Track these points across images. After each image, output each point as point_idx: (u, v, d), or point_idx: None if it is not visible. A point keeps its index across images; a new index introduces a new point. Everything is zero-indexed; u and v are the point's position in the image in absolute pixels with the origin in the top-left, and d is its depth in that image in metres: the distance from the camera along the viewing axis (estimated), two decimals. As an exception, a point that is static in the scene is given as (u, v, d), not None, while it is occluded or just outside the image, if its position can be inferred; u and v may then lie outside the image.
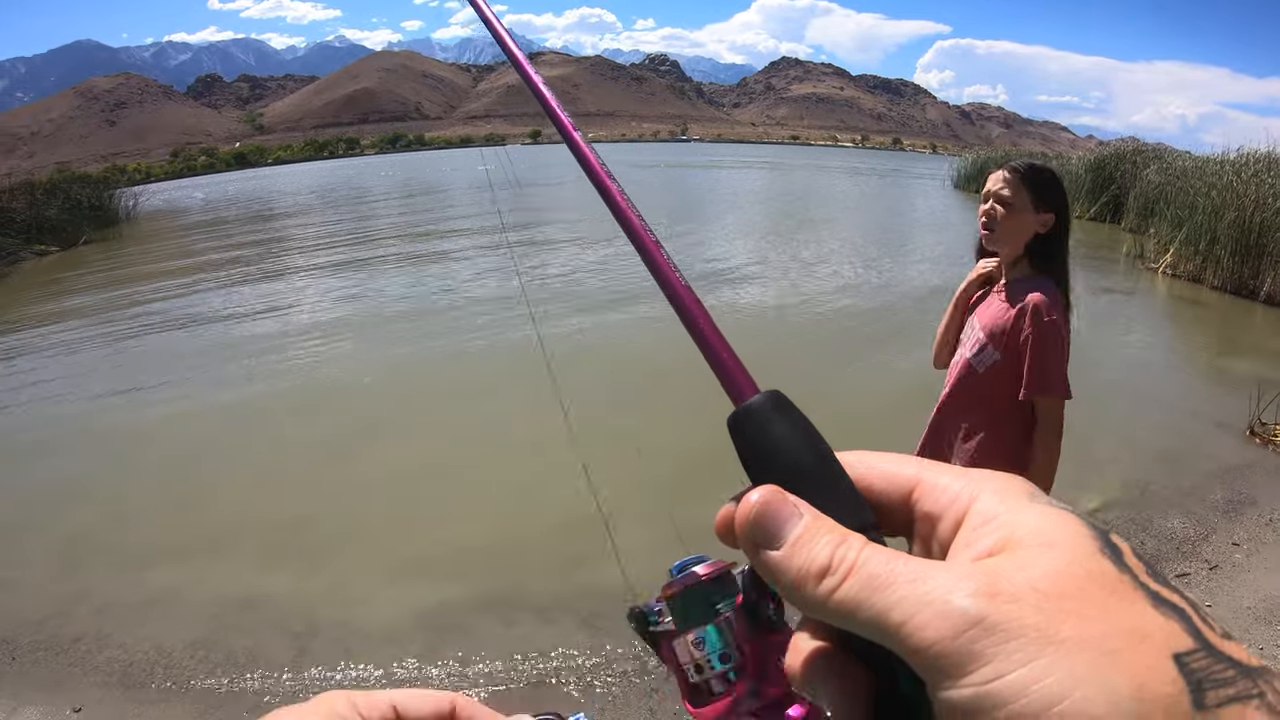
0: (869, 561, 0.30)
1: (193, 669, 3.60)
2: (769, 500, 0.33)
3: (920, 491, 0.34)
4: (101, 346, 9.86)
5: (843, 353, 8.30)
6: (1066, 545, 0.28)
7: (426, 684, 3.44)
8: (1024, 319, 2.38)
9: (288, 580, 4.28)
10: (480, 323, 9.67)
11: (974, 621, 0.26)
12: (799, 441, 0.36)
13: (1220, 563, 4.15)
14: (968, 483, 0.33)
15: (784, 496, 0.34)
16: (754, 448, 0.36)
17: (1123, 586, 0.27)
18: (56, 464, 6.08)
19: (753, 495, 0.34)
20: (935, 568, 0.29)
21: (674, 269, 0.41)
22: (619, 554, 1.63)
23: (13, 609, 4.14)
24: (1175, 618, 0.26)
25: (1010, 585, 0.27)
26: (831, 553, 0.31)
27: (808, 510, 0.33)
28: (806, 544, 0.32)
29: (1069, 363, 2.42)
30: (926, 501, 0.34)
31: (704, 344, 0.39)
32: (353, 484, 5.40)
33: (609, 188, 0.45)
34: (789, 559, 0.32)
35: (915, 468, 0.35)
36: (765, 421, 0.36)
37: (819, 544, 0.31)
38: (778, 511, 0.33)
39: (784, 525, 0.33)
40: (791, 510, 0.33)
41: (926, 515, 0.34)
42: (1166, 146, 21.13)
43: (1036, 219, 2.42)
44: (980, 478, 0.33)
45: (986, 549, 0.30)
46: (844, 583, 0.30)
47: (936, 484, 0.34)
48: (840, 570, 0.30)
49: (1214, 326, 9.93)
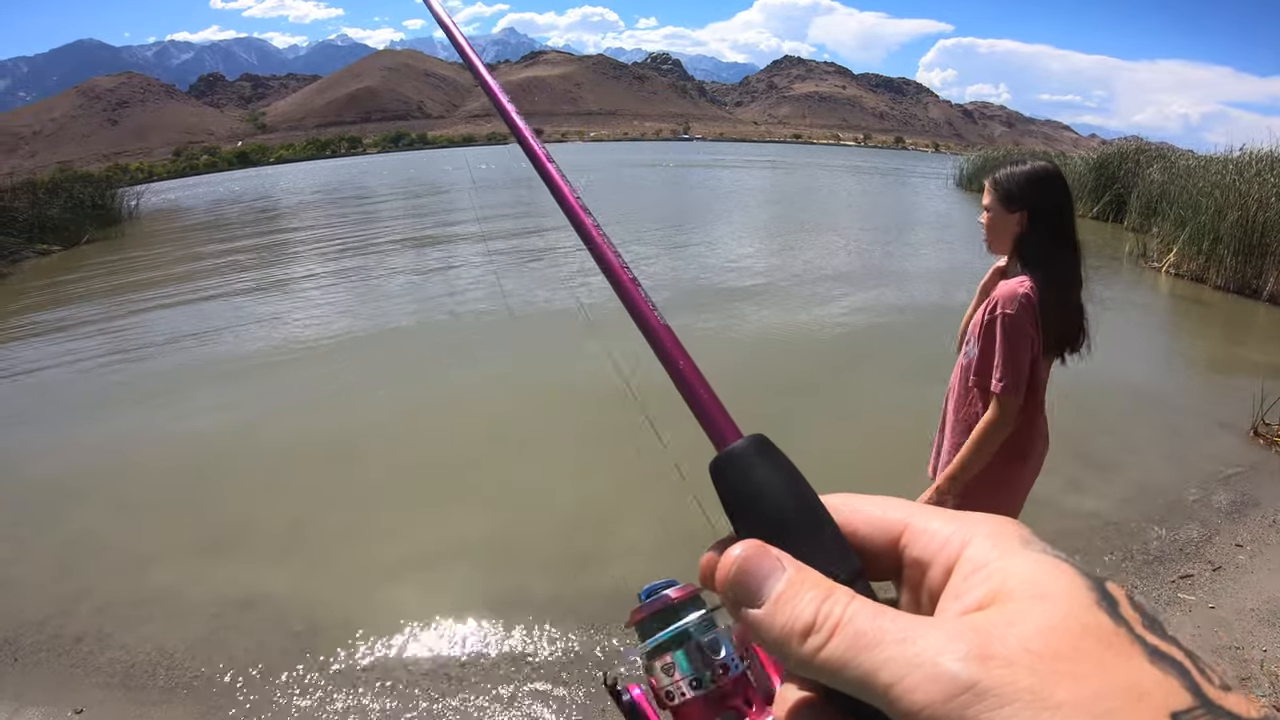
0: (855, 618, 0.29)
1: (194, 669, 3.60)
2: (749, 556, 0.33)
3: (909, 536, 0.33)
4: (103, 345, 9.86)
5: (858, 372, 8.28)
6: (1060, 598, 0.28)
7: (424, 682, 3.44)
8: (986, 311, 2.44)
9: (289, 580, 4.28)
10: (486, 325, 9.67)
11: (966, 687, 0.25)
12: (782, 487, 0.35)
13: (1224, 564, 4.14)
14: (958, 527, 0.32)
15: (765, 551, 0.33)
16: (736, 494, 0.35)
17: (1119, 641, 0.26)
18: (57, 463, 6.08)
19: (734, 550, 0.33)
20: (924, 626, 0.28)
21: (651, 307, 0.40)
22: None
23: (14, 609, 4.13)
24: (1173, 673, 0.26)
25: (1003, 647, 0.26)
26: (816, 609, 0.30)
27: (790, 564, 0.32)
28: (789, 601, 0.31)
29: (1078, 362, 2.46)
30: (915, 547, 0.33)
31: (684, 386, 0.38)
32: (353, 484, 5.40)
33: (583, 220, 0.43)
34: (772, 616, 0.31)
35: (904, 512, 0.34)
36: (748, 467, 0.35)
37: (803, 600, 0.31)
38: (758, 567, 0.32)
39: (765, 581, 0.32)
40: (774, 565, 0.32)
41: (915, 561, 0.33)
42: (1169, 146, 21.06)
43: (1011, 219, 2.47)
44: (972, 522, 0.32)
45: (976, 601, 0.29)
46: (829, 641, 0.29)
47: (926, 529, 0.33)
48: (825, 628, 0.29)
49: (1217, 326, 9.91)
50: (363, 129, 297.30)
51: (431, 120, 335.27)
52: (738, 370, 7.27)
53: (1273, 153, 12.90)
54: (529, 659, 3.57)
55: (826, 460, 5.33)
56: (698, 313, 9.61)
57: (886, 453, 5.38)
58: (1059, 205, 2.48)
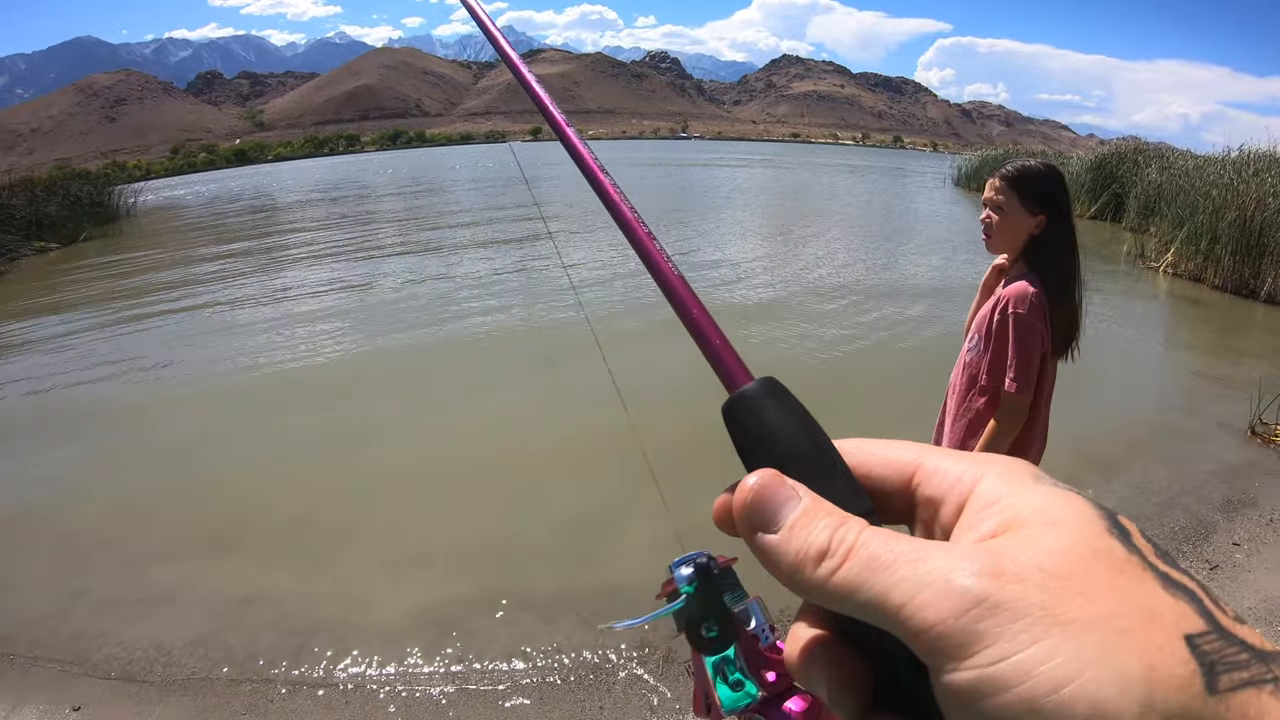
0: (869, 543, 0.29)
1: (192, 667, 3.60)
2: (766, 484, 0.33)
3: (921, 476, 0.34)
4: (101, 342, 9.84)
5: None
6: (1073, 524, 0.28)
7: (424, 681, 3.44)
8: (995, 309, 2.45)
9: (288, 578, 4.28)
10: (482, 321, 9.67)
11: (977, 601, 0.25)
12: (794, 428, 0.35)
13: (1221, 563, 4.14)
14: (970, 466, 0.32)
15: (781, 480, 0.33)
16: (748, 435, 0.36)
17: (1131, 566, 0.26)
18: (56, 461, 6.07)
19: (750, 479, 0.33)
20: (937, 548, 0.28)
21: (666, 259, 0.41)
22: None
23: (12, 607, 4.13)
24: (1186, 599, 0.26)
25: (1015, 565, 0.26)
26: (830, 535, 0.30)
27: (806, 493, 0.33)
28: (805, 526, 0.31)
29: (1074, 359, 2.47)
30: (928, 486, 0.33)
31: (697, 332, 0.39)
32: (354, 481, 5.40)
33: (602, 181, 0.45)
34: (787, 542, 0.31)
35: (915, 453, 0.35)
36: (759, 408, 0.36)
37: (817, 526, 0.31)
38: (775, 494, 0.33)
39: (781, 508, 0.32)
40: (789, 493, 0.32)
41: (928, 500, 0.33)
42: (1168, 146, 21.07)
43: (1031, 221, 2.46)
44: (982, 460, 0.33)
45: (990, 530, 0.29)
46: (843, 564, 0.29)
47: (938, 468, 0.33)
48: (839, 552, 0.29)
49: (1215, 326, 9.91)
50: (361, 127, 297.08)
51: (429, 118, 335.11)
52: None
53: (1271, 152, 12.93)
54: (529, 656, 3.57)
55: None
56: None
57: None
58: (1069, 207, 2.51)
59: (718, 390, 0.36)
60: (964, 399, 2.65)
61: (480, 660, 3.56)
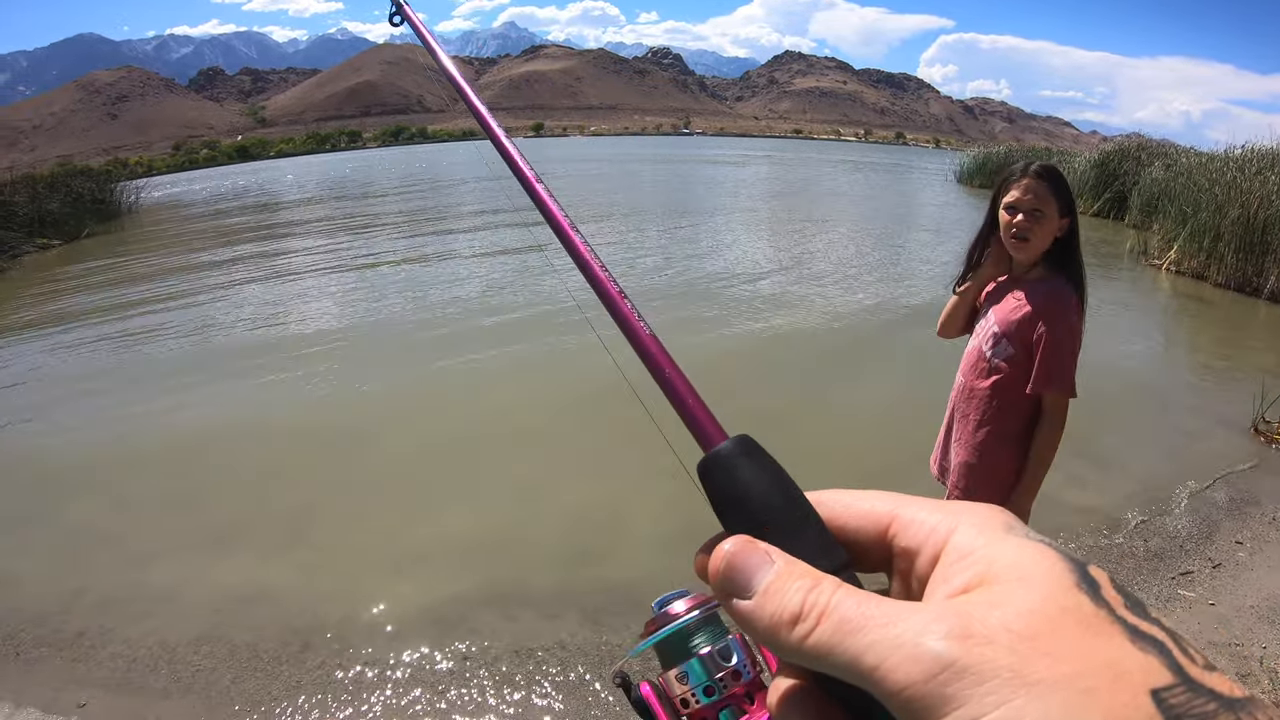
0: (841, 605, 0.30)
1: (196, 664, 3.61)
2: (739, 550, 0.33)
3: (897, 527, 0.34)
4: (103, 339, 9.86)
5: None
6: (1042, 580, 0.28)
7: (426, 678, 3.45)
8: (1040, 317, 2.43)
9: (291, 575, 4.29)
10: (487, 319, 9.67)
11: (946, 665, 0.26)
12: (767, 485, 0.36)
13: (1223, 561, 4.14)
14: (944, 516, 0.33)
15: (754, 545, 0.33)
16: (723, 494, 0.36)
17: (1099, 621, 0.27)
18: (58, 458, 6.08)
19: (724, 545, 0.34)
20: (907, 610, 0.28)
21: (639, 318, 0.42)
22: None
23: (16, 605, 4.14)
24: (1154, 652, 0.26)
25: (983, 626, 0.27)
26: (803, 599, 0.30)
27: (779, 556, 0.33)
28: (778, 591, 0.31)
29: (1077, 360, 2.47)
30: (903, 537, 0.33)
31: (671, 392, 0.40)
32: (356, 478, 5.41)
33: (574, 240, 0.45)
34: (761, 608, 0.31)
35: (891, 503, 0.35)
36: (733, 468, 0.36)
37: (790, 590, 0.31)
38: (747, 561, 0.33)
39: (754, 574, 0.32)
40: (762, 558, 0.33)
41: (904, 551, 0.33)
42: (1170, 143, 21.05)
43: (1059, 223, 2.46)
44: (957, 510, 0.33)
45: (963, 584, 0.29)
46: (816, 628, 0.29)
47: (913, 519, 0.33)
48: (812, 616, 0.30)
49: (1217, 324, 9.91)
50: (362, 123, 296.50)
51: (431, 114, 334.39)
52: (737, 365, 7.31)
53: (1274, 150, 12.90)
54: (532, 652, 3.58)
55: (832, 451, 5.36)
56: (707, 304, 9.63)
57: (888, 445, 5.39)
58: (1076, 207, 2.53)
59: (721, 388, 0.36)
60: (971, 398, 2.64)
61: (482, 657, 3.57)
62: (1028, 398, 2.49)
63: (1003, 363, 2.52)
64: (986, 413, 2.60)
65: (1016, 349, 2.48)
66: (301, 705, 3.34)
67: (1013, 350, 2.49)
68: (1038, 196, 2.42)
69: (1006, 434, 2.57)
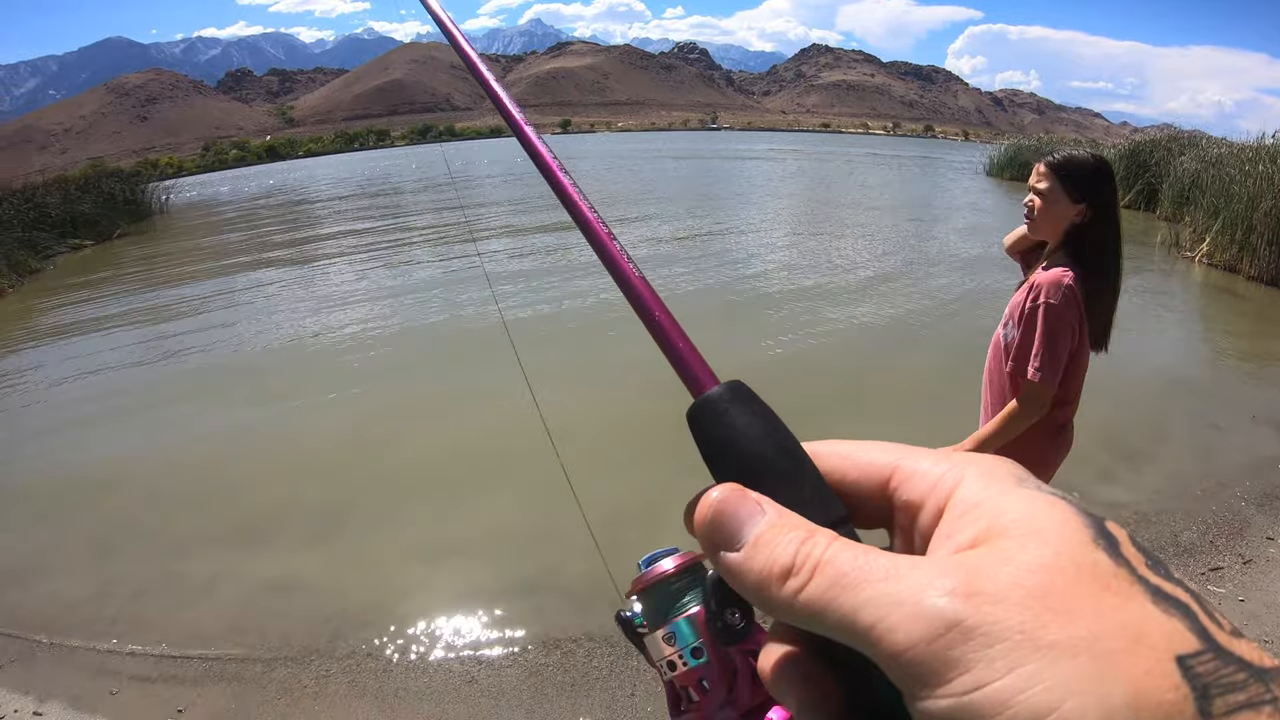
0: (836, 559, 0.28)
1: (227, 652, 3.67)
2: (727, 498, 0.32)
3: (898, 479, 0.32)
4: (137, 336, 10.04)
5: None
6: (1055, 534, 0.26)
7: (455, 667, 3.48)
8: (1029, 296, 2.44)
9: (321, 565, 4.35)
10: (519, 312, 9.69)
11: (951, 624, 0.24)
12: (760, 433, 0.34)
13: (1254, 557, 4.09)
14: (950, 467, 0.31)
15: (744, 493, 0.32)
16: (712, 441, 0.34)
17: (1118, 581, 0.25)
18: (93, 451, 6.19)
19: (712, 493, 0.32)
20: (909, 564, 0.27)
21: (627, 260, 0.40)
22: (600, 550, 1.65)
23: (51, 593, 4.23)
24: (1178, 615, 0.24)
25: (992, 583, 0.25)
26: (795, 551, 0.29)
27: (771, 507, 0.31)
28: (768, 543, 0.30)
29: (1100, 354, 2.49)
30: (905, 489, 0.31)
31: (660, 335, 0.38)
32: (385, 472, 5.46)
33: (560, 180, 0.43)
34: (749, 560, 0.30)
35: (892, 454, 0.33)
36: (723, 414, 0.34)
37: (782, 542, 0.29)
38: (736, 510, 0.31)
39: (744, 524, 0.31)
40: (753, 508, 0.31)
41: (906, 504, 0.31)
42: (1202, 133, 20.74)
43: (1072, 210, 2.45)
44: (963, 460, 0.31)
45: (969, 538, 0.27)
46: (809, 583, 0.28)
47: (916, 470, 0.32)
48: (805, 569, 0.28)
49: (1249, 317, 9.73)
50: (390, 122, 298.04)
51: (459, 112, 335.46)
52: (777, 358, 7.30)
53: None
54: (561, 643, 3.61)
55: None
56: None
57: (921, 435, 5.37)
58: (1115, 200, 2.50)
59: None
60: (996, 384, 2.66)
61: (511, 647, 3.61)
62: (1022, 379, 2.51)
63: (1008, 345, 2.55)
64: (1002, 397, 2.63)
65: (1016, 327, 2.50)
66: (332, 693, 3.38)
67: (1016, 333, 2.50)
68: (1043, 179, 2.49)
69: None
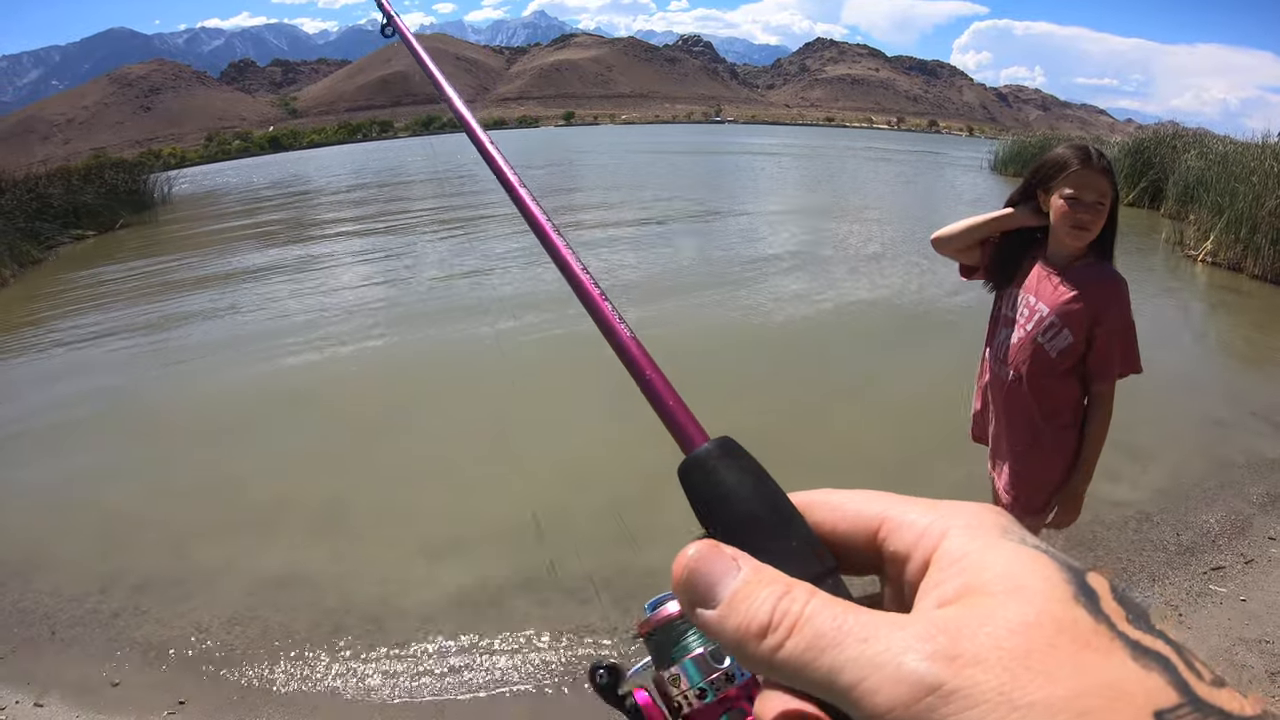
0: (815, 616, 0.28)
1: (230, 644, 3.68)
2: (702, 555, 0.32)
3: (886, 530, 0.32)
4: (138, 327, 10.03)
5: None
6: (1036, 592, 0.26)
7: (458, 661, 3.49)
8: (1104, 302, 2.43)
9: (323, 558, 4.35)
10: (518, 307, 9.67)
11: (931, 688, 0.24)
12: (747, 489, 0.34)
13: (1256, 557, 4.08)
14: (936, 518, 0.31)
15: (719, 549, 0.32)
16: (702, 498, 0.35)
17: (1098, 637, 0.25)
18: (95, 443, 6.20)
19: (688, 551, 0.32)
20: (888, 624, 0.27)
21: (619, 320, 0.41)
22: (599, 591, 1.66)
23: (53, 586, 4.24)
24: (1158, 669, 0.24)
25: (972, 644, 0.25)
26: (772, 607, 0.29)
27: (746, 561, 0.31)
28: (744, 599, 0.30)
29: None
30: (893, 541, 0.32)
31: (651, 394, 0.39)
32: (389, 463, 5.47)
33: (554, 241, 0.44)
34: (725, 618, 0.30)
35: (881, 504, 0.33)
36: (712, 470, 0.35)
37: (758, 599, 0.29)
38: (711, 567, 0.31)
39: (719, 581, 0.31)
40: (728, 564, 0.31)
41: (894, 555, 0.32)
42: (1207, 131, 20.66)
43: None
44: (950, 511, 0.31)
45: (953, 592, 0.28)
46: (787, 640, 0.28)
47: (903, 521, 0.32)
48: (783, 627, 0.28)
49: (1253, 316, 9.70)
50: (394, 113, 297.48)
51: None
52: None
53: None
54: (562, 638, 3.61)
55: (861, 441, 5.35)
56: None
57: (916, 432, 5.38)
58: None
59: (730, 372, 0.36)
60: (1041, 391, 2.58)
61: (514, 641, 3.61)
62: (1075, 387, 2.53)
63: (1064, 352, 2.48)
64: (1056, 404, 2.58)
65: (1076, 337, 2.44)
66: (333, 686, 3.39)
67: (1072, 339, 2.44)
68: (1100, 192, 2.37)
69: (1064, 426, 2.59)
